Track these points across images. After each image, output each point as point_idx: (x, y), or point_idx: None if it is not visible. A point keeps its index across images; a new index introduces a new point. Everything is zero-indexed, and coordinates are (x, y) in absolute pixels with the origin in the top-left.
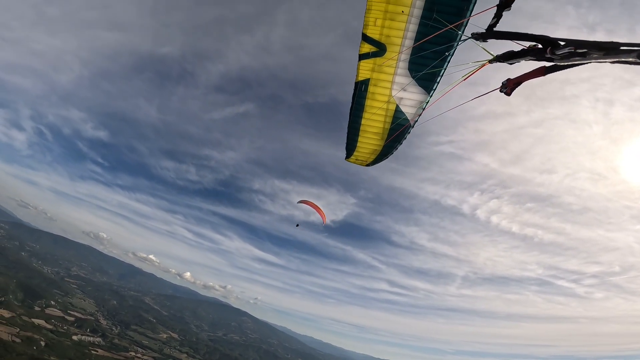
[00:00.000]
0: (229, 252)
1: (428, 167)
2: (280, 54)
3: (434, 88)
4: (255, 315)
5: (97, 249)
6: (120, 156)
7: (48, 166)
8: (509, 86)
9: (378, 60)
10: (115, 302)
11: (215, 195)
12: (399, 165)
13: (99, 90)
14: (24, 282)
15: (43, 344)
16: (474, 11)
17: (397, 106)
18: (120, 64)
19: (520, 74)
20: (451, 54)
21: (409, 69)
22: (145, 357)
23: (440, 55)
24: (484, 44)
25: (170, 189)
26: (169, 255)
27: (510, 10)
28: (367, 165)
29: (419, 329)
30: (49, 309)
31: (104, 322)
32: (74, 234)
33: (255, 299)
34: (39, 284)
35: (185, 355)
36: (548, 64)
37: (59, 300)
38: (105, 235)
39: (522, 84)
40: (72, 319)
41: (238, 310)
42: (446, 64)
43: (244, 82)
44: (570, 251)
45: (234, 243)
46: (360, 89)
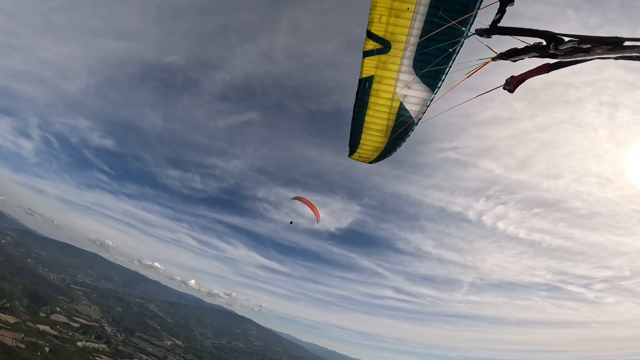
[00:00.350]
0: (233, 260)
1: (433, 174)
2: (283, 62)
3: (439, 85)
4: (259, 323)
5: (103, 256)
6: (127, 165)
7: (55, 174)
8: (513, 83)
9: (382, 57)
10: (120, 309)
11: (220, 204)
12: (404, 172)
13: (105, 99)
14: (30, 289)
15: (47, 349)
16: (478, 8)
17: (401, 103)
18: (127, 73)
19: (523, 71)
20: (456, 51)
21: (413, 66)
22: None
23: (445, 53)
24: (487, 40)
25: (176, 197)
26: (174, 263)
27: (513, 4)
28: (370, 162)
29: (425, 336)
30: (54, 315)
31: (108, 329)
32: (80, 241)
33: (260, 306)
34: (44, 291)
35: None
36: (552, 61)
37: (65, 306)
38: (111, 243)
39: (525, 82)
40: (77, 325)
41: (242, 317)
42: (451, 61)
43: (248, 91)
44: (580, 256)
45: (239, 251)
46: (364, 86)
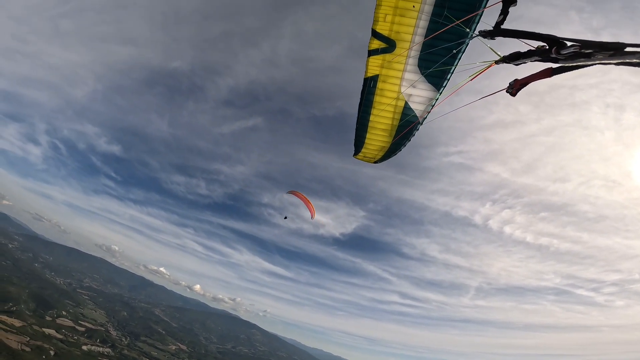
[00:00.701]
0: (238, 265)
1: (438, 179)
2: (287, 67)
3: (444, 85)
4: (264, 328)
5: (109, 261)
6: (133, 171)
7: (62, 180)
8: (516, 87)
9: (387, 56)
10: (125, 313)
11: (224, 209)
12: (409, 177)
13: (112, 105)
14: (37, 293)
15: (52, 353)
16: (484, 8)
17: (406, 103)
18: (133, 79)
19: (526, 75)
20: (462, 50)
21: (418, 66)
22: None
23: (450, 53)
24: (491, 43)
25: (181, 203)
26: (179, 268)
27: (516, 5)
28: (375, 162)
29: (431, 341)
30: (60, 319)
31: (114, 333)
32: (87, 246)
33: (265, 311)
34: (51, 295)
35: None
36: (554, 65)
37: (71, 310)
38: (117, 248)
39: (528, 85)
40: (83, 329)
41: (247, 322)
42: (456, 61)
43: (252, 96)
44: (588, 260)
45: (244, 256)
46: (369, 85)
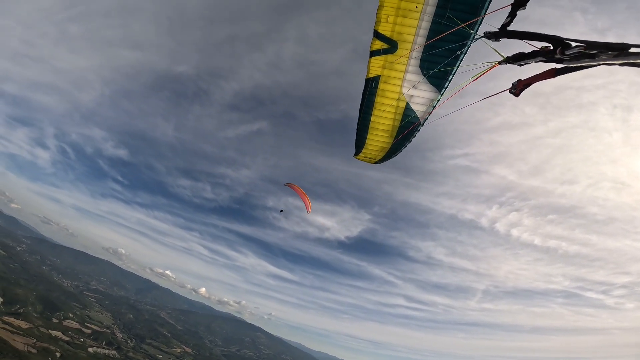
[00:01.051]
0: (243, 268)
1: (443, 181)
2: (291, 71)
3: (446, 86)
4: (269, 331)
5: (116, 264)
6: (139, 174)
7: (70, 184)
8: (519, 87)
9: (389, 57)
10: (131, 316)
11: (230, 213)
12: (414, 180)
13: (119, 109)
14: (44, 295)
15: (58, 355)
16: (487, 10)
17: (408, 104)
18: (140, 83)
19: (530, 75)
20: (464, 52)
21: (420, 67)
22: None
23: (452, 54)
24: (495, 44)
25: (187, 206)
26: (185, 271)
27: (525, 9)
28: (376, 162)
29: (438, 344)
30: (67, 321)
31: (119, 335)
32: (94, 249)
33: (270, 314)
34: (58, 297)
35: None
36: (558, 65)
37: (77, 312)
38: (124, 251)
39: (533, 86)
40: (89, 331)
41: (252, 325)
42: (458, 62)
43: (257, 100)
44: (598, 262)
45: (249, 259)
46: (371, 86)
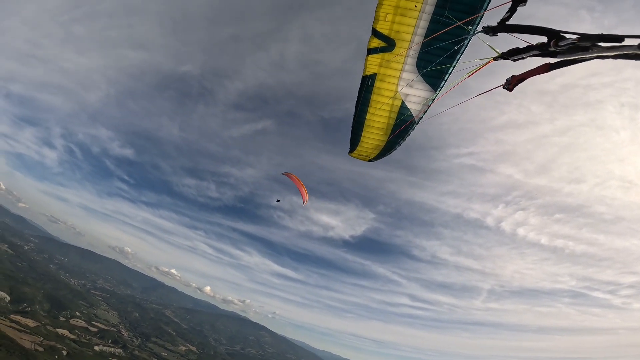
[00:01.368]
0: (248, 267)
1: (448, 180)
2: (295, 71)
3: (441, 85)
4: (273, 330)
5: (122, 262)
6: (145, 174)
7: (77, 183)
8: (512, 82)
9: (386, 55)
10: (137, 314)
11: (235, 212)
12: (418, 179)
13: (125, 109)
14: (51, 294)
15: (65, 353)
16: (486, 10)
17: (403, 102)
18: (145, 83)
19: (524, 70)
20: (461, 51)
21: (416, 66)
22: None
23: (448, 53)
24: (491, 39)
25: (192, 205)
26: (190, 270)
27: (525, 4)
28: (370, 160)
29: (442, 344)
30: (74, 319)
31: (125, 334)
32: (100, 248)
33: (274, 313)
34: (65, 296)
35: None
36: (552, 60)
37: (84, 311)
38: (130, 250)
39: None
40: (95, 329)
41: (256, 324)
42: (455, 62)
43: (261, 99)
44: (605, 262)
45: (253, 258)
46: (367, 84)
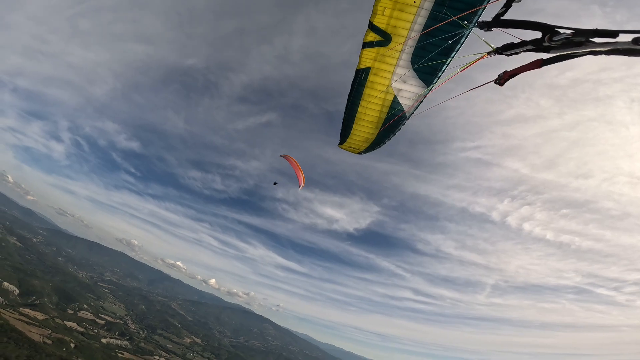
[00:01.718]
0: (252, 260)
1: (454, 174)
2: (300, 63)
3: (434, 82)
4: (277, 322)
5: (129, 255)
6: (151, 166)
7: (85, 176)
8: (504, 78)
9: (381, 49)
10: (143, 307)
11: (240, 204)
12: (424, 172)
13: (130, 103)
14: (59, 286)
15: (73, 345)
16: (485, 8)
17: (395, 97)
18: (150, 77)
19: (517, 66)
20: (456, 49)
21: (411, 61)
22: None
23: (444, 50)
24: (486, 34)
25: (197, 198)
26: (195, 262)
27: (520, 1)
28: (359, 153)
29: (444, 338)
30: (82, 312)
31: (132, 326)
32: (108, 240)
33: (278, 306)
34: (73, 288)
35: None
36: (546, 56)
37: (92, 303)
38: (136, 242)
39: (518, 76)
40: (103, 322)
41: (260, 317)
42: (449, 59)
43: (266, 92)
44: (610, 258)
45: (258, 251)
46: (360, 77)
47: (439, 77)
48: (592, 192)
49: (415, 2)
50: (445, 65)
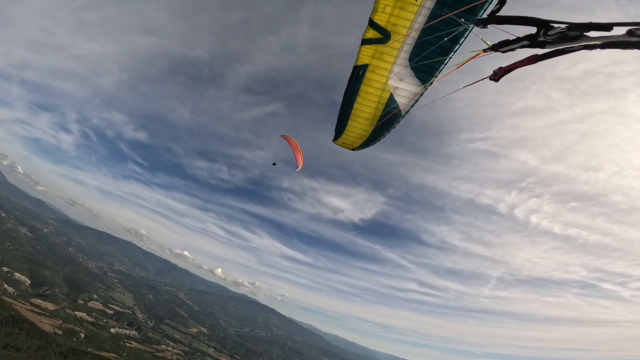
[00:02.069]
0: (258, 250)
1: (461, 165)
2: (305, 54)
3: (431, 82)
4: (281, 312)
5: (138, 244)
6: (158, 156)
7: (93, 166)
8: (499, 74)
9: (380, 47)
10: (151, 297)
11: (245, 194)
12: (430, 163)
13: (137, 94)
14: (70, 277)
15: (82, 336)
16: (487, 8)
17: (391, 95)
18: (156, 68)
19: (512, 62)
20: (454, 50)
21: (409, 60)
22: (175, 351)
23: (442, 50)
24: (482, 32)
25: (204, 187)
26: (201, 252)
27: None
28: (353, 149)
29: (447, 330)
30: (92, 302)
31: (140, 316)
32: (116, 230)
33: (283, 296)
34: (83, 278)
35: (213, 349)
36: (541, 51)
37: (101, 294)
38: (144, 232)
39: (514, 71)
40: (112, 312)
41: (265, 307)
42: (447, 59)
43: (272, 83)
44: (618, 253)
45: (263, 241)
46: (358, 74)
47: (436, 77)
48: (601, 186)
49: (416, 1)
50: (443, 65)
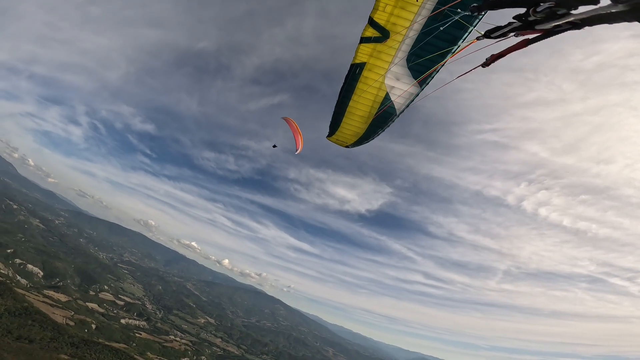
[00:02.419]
0: (265, 240)
1: (469, 156)
2: (312, 45)
3: (428, 82)
4: (288, 303)
5: (147, 235)
6: (166, 148)
7: (103, 158)
8: (491, 60)
9: (378, 46)
10: (160, 287)
11: (252, 184)
12: (438, 154)
13: (144, 86)
14: (81, 268)
15: (94, 327)
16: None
17: (387, 94)
18: (162, 60)
19: (503, 48)
20: (453, 50)
21: (407, 60)
22: (183, 341)
23: (440, 51)
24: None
25: (211, 178)
26: (209, 243)
27: None
28: (347, 146)
29: (453, 323)
30: (103, 293)
31: (149, 307)
32: (126, 221)
33: (289, 287)
34: (94, 269)
35: (220, 340)
36: (531, 36)
37: (112, 284)
38: (153, 223)
39: (505, 57)
40: (122, 303)
41: (272, 298)
42: (445, 60)
43: (278, 74)
44: (628, 247)
45: (270, 231)
46: (354, 71)
47: (433, 77)
48: (613, 179)
49: (417, 1)
50: (440, 66)
